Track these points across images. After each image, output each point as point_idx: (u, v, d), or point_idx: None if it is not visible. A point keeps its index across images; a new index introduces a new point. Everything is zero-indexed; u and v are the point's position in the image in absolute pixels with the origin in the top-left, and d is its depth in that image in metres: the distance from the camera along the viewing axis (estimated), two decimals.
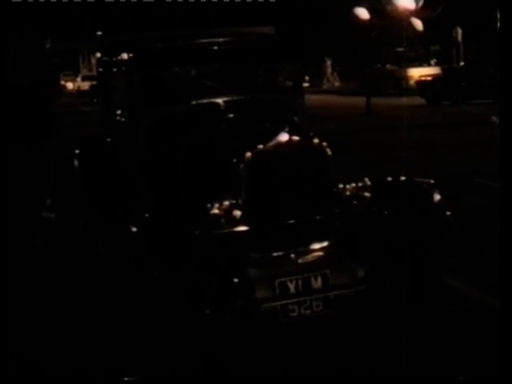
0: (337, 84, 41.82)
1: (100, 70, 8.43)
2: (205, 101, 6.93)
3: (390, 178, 6.05)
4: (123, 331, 5.63)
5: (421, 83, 30.25)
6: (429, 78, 30.50)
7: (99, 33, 54.60)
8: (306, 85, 7.73)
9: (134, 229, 5.47)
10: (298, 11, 47.18)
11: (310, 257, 5.49)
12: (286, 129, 5.63)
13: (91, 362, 5.38)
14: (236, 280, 5.15)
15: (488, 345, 5.02)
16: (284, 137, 5.48)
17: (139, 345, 5.34)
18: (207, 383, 5.05)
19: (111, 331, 5.80)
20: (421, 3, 28.85)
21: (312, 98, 18.88)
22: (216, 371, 5.10)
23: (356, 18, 28.52)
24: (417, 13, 27.65)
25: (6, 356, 4.98)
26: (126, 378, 5.00)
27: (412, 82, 32.67)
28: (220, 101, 6.91)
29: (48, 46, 57.44)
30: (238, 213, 5.33)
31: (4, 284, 5.70)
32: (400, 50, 38.84)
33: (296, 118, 6.83)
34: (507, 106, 4.88)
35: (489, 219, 4.85)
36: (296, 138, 5.52)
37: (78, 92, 48.83)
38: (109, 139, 8.03)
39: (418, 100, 27.70)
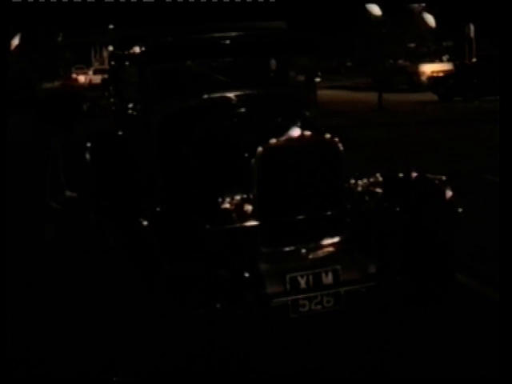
0: None
1: (112, 63, 8.42)
2: (217, 95, 6.92)
3: (401, 174, 6.02)
4: (132, 324, 5.64)
5: (433, 79, 30.20)
6: (441, 74, 30.45)
7: (111, 26, 54.65)
8: (318, 80, 7.66)
9: (145, 222, 5.47)
10: (310, 7, 47.10)
11: (321, 252, 5.47)
12: (298, 124, 5.61)
13: (96, 358, 5.37)
14: (247, 275, 5.14)
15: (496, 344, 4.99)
16: (296, 132, 5.45)
17: (148, 338, 5.35)
18: (217, 379, 5.04)
19: (120, 325, 5.81)
20: None
21: (324, 93, 18.86)
22: (224, 366, 5.10)
23: (368, 13, 28.44)
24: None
25: (7, 352, 4.99)
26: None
27: (424, 78, 32.65)
28: (232, 95, 6.90)
29: (60, 39, 57.64)
30: (249, 207, 5.32)
31: (6, 278, 5.70)
32: (412, 45, 38.79)
33: (308, 113, 6.81)
34: (508, 103, 4.87)
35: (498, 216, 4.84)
36: (308, 132, 5.49)
37: (90, 85, 48.93)
38: (120, 132, 8.03)
39: (430, 96, 27.64)
